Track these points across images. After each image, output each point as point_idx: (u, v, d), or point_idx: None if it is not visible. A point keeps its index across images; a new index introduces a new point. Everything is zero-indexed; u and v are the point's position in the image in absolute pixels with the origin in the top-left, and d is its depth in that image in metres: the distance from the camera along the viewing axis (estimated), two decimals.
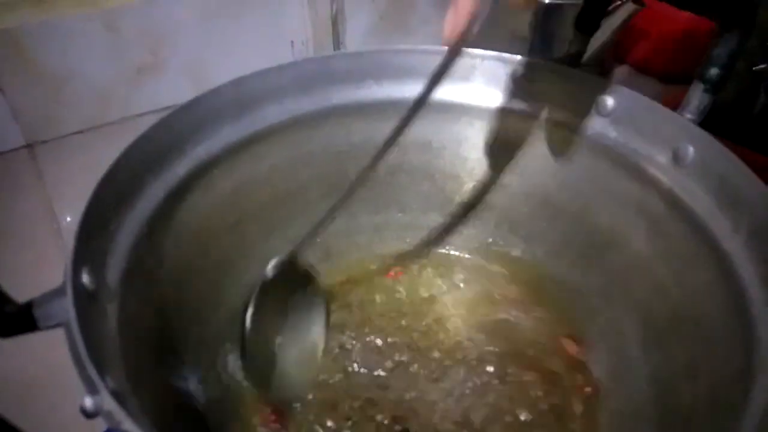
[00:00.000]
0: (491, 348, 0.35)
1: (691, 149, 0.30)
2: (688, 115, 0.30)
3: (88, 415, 0.17)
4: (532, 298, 0.39)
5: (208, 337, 0.32)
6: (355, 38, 0.85)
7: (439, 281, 0.40)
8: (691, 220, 0.29)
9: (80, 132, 0.79)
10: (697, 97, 0.29)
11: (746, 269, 0.26)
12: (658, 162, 0.31)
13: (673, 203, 0.30)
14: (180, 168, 0.30)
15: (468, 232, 0.41)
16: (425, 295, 0.39)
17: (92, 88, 0.77)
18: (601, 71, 0.74)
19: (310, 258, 0.39)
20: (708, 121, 0.64)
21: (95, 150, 0.76)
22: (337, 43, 0.86)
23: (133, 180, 0.27)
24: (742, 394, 0.22)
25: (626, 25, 0.68)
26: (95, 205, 0.24)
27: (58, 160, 0.73)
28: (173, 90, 0.80)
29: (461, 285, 0.40)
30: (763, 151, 0.56)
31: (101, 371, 0.18)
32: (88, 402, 0.17)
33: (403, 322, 0.37)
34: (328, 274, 0.39)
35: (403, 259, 0.41)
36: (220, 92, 0.31)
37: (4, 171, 0.71)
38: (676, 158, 0.30)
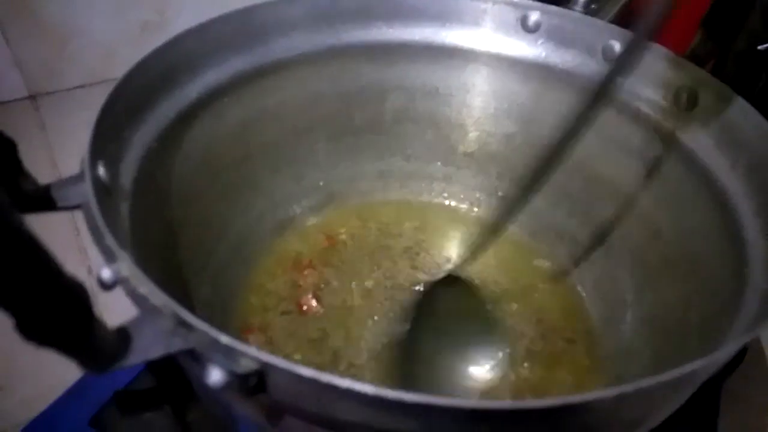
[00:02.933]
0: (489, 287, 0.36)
1: (694, 92, 0.30)
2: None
3: (106, 285, 0.18)
4: (532, 246, 0.39)
5: (211, 261, 0.32)
6: None
7: (440, 229, 0.41)
8: (690, 160, 0.30)
9: (83, 86, 0.79)
10: None
11: (742, 202, 0.26)
12: (660, 106, 0.32)
13: (674, 146, 0.31)
14: (190, 91, 0.30)
15: (471, 182, 0.42)
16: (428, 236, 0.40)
17: (96, 44, 0.77)
18: None
19: (312, 201, 0.40)
20: None
21: (98, 105, 0.76)
22: None
23: (144, 94, 0.27)
24: (731, 316, 0.23)
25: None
26: (109, 111, 0.24)
27: (60, 112, 0.73)
28: None
29: (460, 233, 0.41)
30: None
31: (119, 243, 0.18)
32: (106, 272, 0.17)
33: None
34: (329, 218, 0.40)
35: (404, 206, 0.42)
36: (228, 19, 0.31)
37: (7, 121, 0.71)
38: (678, 102, 0.31)
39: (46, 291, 0.12)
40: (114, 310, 0.18)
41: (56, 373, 0.33)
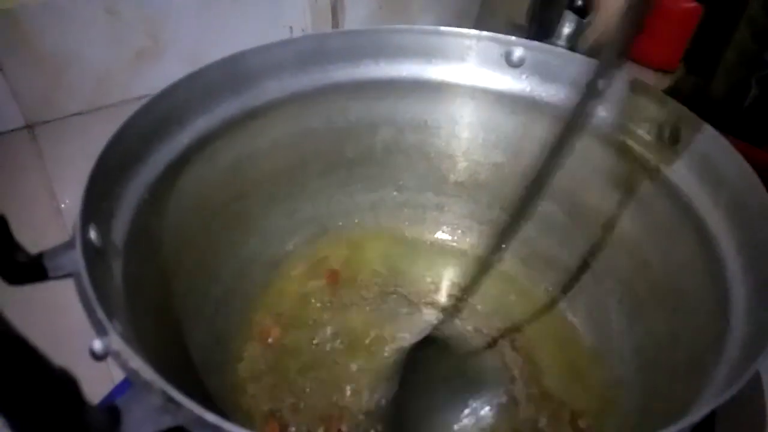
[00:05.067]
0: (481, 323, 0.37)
1: (676, 128, 0.31)
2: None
3: (98, 356, 0.18)
4: (524, 276, 0.40)
5: (207, 304, 0.33)
6: (354, 25, 0.86)
7: (433, 259, 0.41)
8: (675, 196, 0.30)
9: (80, 114, 0.80)
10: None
11: (724, 240, 0.27)
12: (645, 141, 0.32)
13: (659, 180, 0.31)
14: (182, 139, 0.31)
15: (462, 211, 0.42)
16: (420, 268, 0.41)
17: (92, 71, 0.78)
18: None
19: (306, 235, 0.41)
20: (700, 112, 0.64)
21: (94, 132, 0.76)
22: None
23: (136, 147, 0.28)
24: (716, 355, 0.23)
25: None
26: (101, 168, 0.25)
27: (58, 141, 0.74)
28: (172, 74, 0.81)
29: (453, 263, 0.41)
30: (754, 142, 0.57)
31: (109, 316, 0.19)
32: (97, 344, 0.18)
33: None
34: (322, 252, 0.41)
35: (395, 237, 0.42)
36: (219, 66, 0.32)
37: (5, 151, 0.72)
38: (662, 137, 0.31)
39: (38, 390, 0.13)
40: None
41: None
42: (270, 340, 0.35)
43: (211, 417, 0.15)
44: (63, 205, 0.69)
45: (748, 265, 0.25)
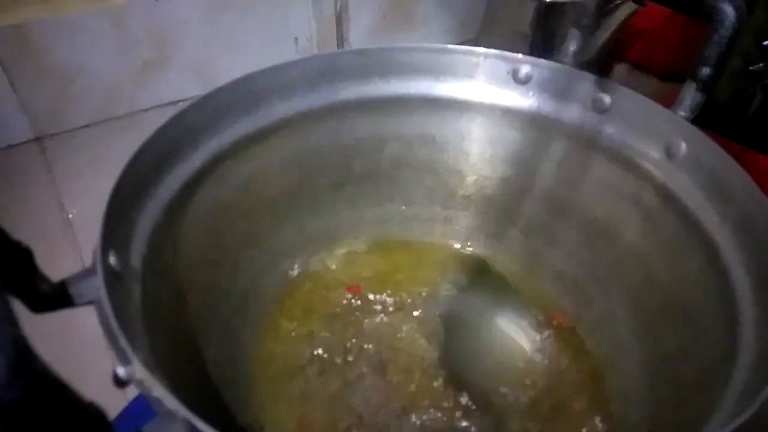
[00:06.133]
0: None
1: (683, 145, 0.31)
2: (681, 113, 0.31)
3: (121, 383, 0.18)
4: (531, 288, 0.40)
5: (218, 320, 0.33)
6: (358, 35, 0.87)
7: (440, 273, 0.42)
8: (683, 212, 0.31)
9: (87, 126, 0.80)
10: (689, 95, 0.31)
11: (732, 257, 0.27)
12: (652, 157, 0.33)
13: (666, 196, 0.32)
14: (194, 161, 0.31)
15: (469, 224, 0.43)
16: (429, 280, 0.41)
17: (99, 83, 0.78)
18: (601, 69, 0.75)
19: (313, 250, 0.41)
20: (706, 119, 0.65)
21: (102, 143, 0.77)
22: (341, 40, 0.87)
23: (150, 172, 0.28)
24: (726, 374, 0.24)
25: (626, 24, 0.69)
26: (118, 195, 0.25)
27: (66, 153, 0.75)
28: (178, 86, 0.82)
29: (462, 277, 0.42)
30: (759, 149, 0.57)
31: (131, 343, 0.19)
32: (121, 371, 0.18)
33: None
34: (332, 265, 0.41)
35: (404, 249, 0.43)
36: (231, 88, 0.32)
37: (15, 163, 0.73)
38: (669, 153, 0.32)
39: (70, 426, 0.13)
40: None
41: None
42: (284, 355, 0.36)
43: None
44: (71, 215, 0.70)
45: (756, 285, 0.25)
